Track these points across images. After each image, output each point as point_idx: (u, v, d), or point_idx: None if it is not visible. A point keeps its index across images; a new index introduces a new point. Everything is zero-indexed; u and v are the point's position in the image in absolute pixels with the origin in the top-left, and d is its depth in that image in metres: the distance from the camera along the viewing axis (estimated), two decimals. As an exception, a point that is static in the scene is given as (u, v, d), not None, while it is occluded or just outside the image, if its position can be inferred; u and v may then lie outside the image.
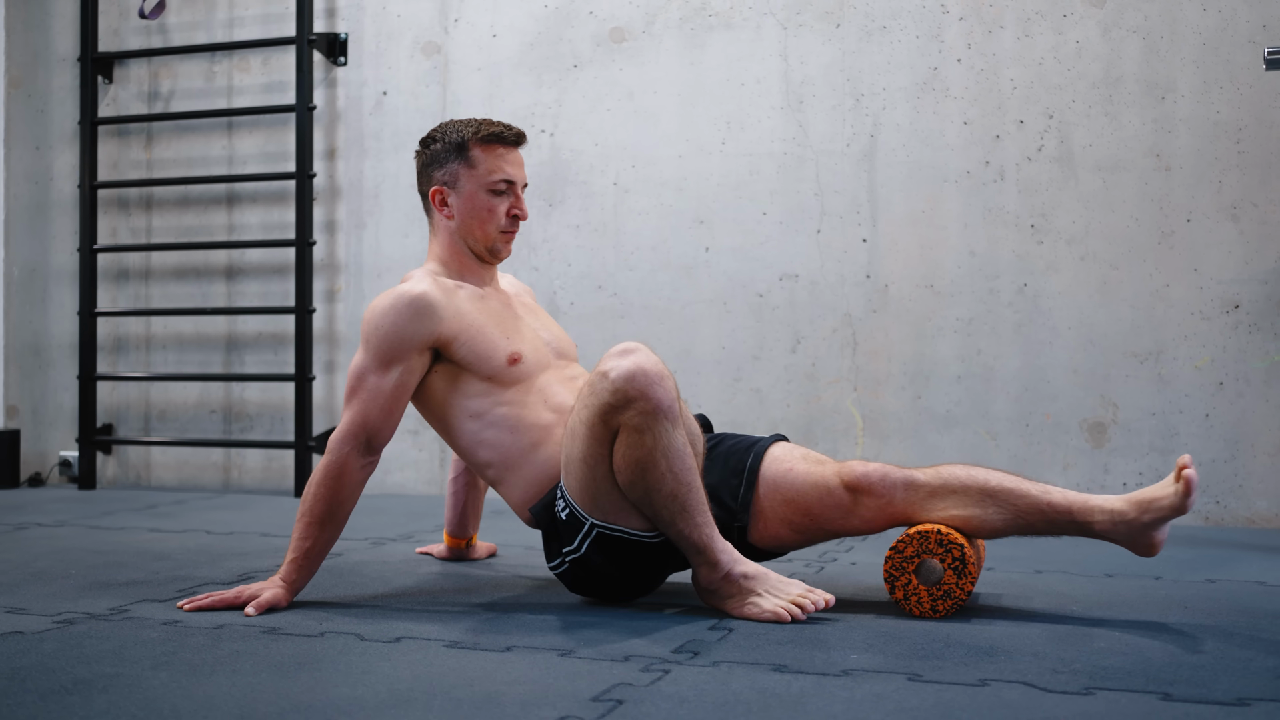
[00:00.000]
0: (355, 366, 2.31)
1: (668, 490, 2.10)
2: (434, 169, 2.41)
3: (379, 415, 2.28)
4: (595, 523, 2.19)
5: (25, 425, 4.64)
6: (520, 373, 2.33)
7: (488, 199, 2.38)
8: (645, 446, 2.08)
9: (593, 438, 2.12)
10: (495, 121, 2.41)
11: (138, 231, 4.50)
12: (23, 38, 4.66)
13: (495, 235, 2.40)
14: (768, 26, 3.79)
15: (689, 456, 2.12)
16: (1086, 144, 3.52)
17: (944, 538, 2.16)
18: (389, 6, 4.19)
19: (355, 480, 2.28)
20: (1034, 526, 2.18)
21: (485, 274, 2.45)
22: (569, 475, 2.20)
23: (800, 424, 3.73)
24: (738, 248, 3.81)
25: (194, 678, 1.75)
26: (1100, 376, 3.50)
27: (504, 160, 2.39)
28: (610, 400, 2.07)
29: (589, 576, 2.26)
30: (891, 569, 2.19)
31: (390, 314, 2.28)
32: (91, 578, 2.57)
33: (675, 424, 2.10)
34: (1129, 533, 2.14)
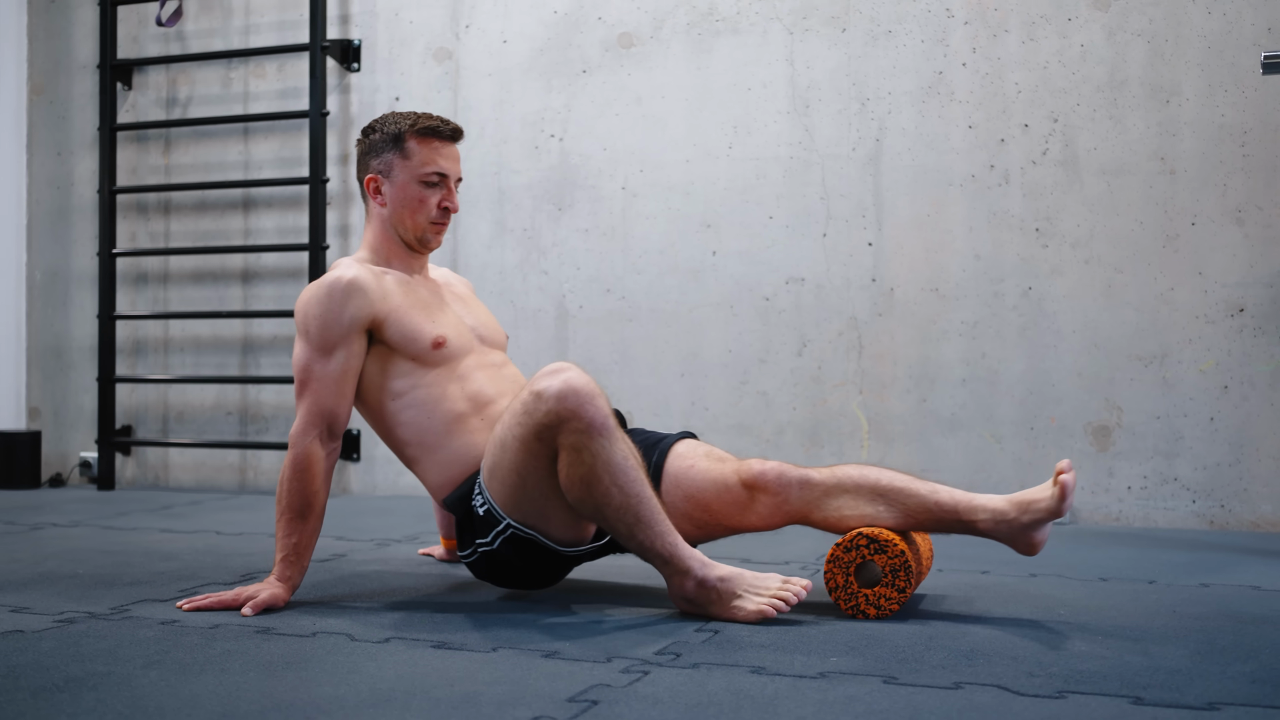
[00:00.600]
0: (298, 359, 2.36)
1: (616, 503, 2.15)
2: (371, 158, 2.47)
3: (332, 400, 2.34)
4: (512, 523, 2.26)
5: (47, 426, 4.71)
6: (443, 356, 2.40)
7: (419, 190, 2.44)
8: (585, 464, 2.13)
9: (528, 453, 2.18)
10: (433, 116, 2.47)
11: (156, 236, 4.57)
12: (45, 45, 4.74)
13: (425, 225, 2.46)
14: (774, 31, 3.81)
15: (632, 469, 2.16)
16: (1091, 147, 3.52)
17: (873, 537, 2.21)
18: (401, 13, 4.24)
19: (323, 469, 2.34)
20: (923, 524, 2.26)
21: (414, 262, 2.51)
22: (494, 479, 2.26)
23: (806, 427, 3.75)
24: (744, 251, 3.83)
25: (183, 677, 1.79)
26: (1105, 380, 3.50)
27: (438, 153, 2.45)
28: (544, 420, 2.14)
29: (497, 568, 2.34)
30: (833, 576, 2.23)
31: (325, 300, 2.34)
32: (98, 577, 2.62)
33: (612, 439, 2.14)
34: (1010, 532, 2.21)
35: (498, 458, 2.24)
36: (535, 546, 2.28)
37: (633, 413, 3.92)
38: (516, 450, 2.19)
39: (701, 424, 3.84)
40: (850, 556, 2.21)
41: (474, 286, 4.05)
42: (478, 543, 2.32)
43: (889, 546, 2.19)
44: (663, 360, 3.90)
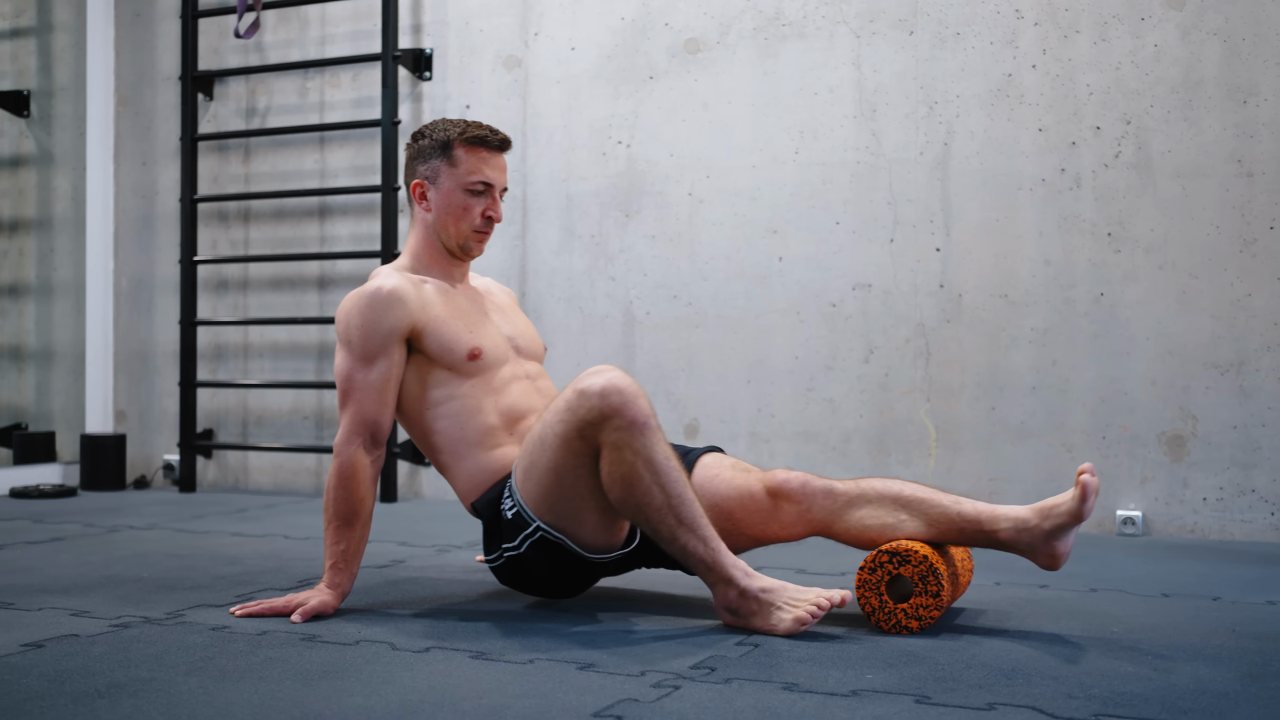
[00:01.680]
0: (341, 369, 2.39)
1: (658, 503, 2.15)
2: (418, 163, 2.48)
3: (375, 409, 2.37)
4: (542, 526, 2.26)
5: (133, 429, 4.84)
6: (478, 367, 2.41)
7: (464, 198, 2.45)
8: (627, 462, 2.14)
9: (568, 450, 2.19)
10: (482, 125, 2.48)
11: (236, 243, 4.66)
12: (130, 58, 4.87)
13: (468, 233, 2.47)
14: (840, 35, 3.78)
15: (674, 469, 2.16)
16: (1165, 150, 3.43)
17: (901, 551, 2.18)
18: (472, 22, 4.28)
19: (368, 477, 2.37)
20: (946, 535, 2.24)
21: (455, 270, 2.53)
22: (527, 479, 2.26)
23: (873, 435, 3.71)
24: (811, 257, 3.80)
25: (221, 684, 1.83)
26: (1179, 388, 3.41)
27: (485, 163, 2.46)
28: (587, 417, 2.15)
29: (523, 575, 2.35)
30: (865, 591, 2.20)
31: (366, 310, 2.36)
32: (161, 581, 2.68)
33: (654, 438, 2.16)
34: (1031, 540, 2.19)
35: (534, 456, 2.24)
36: (562, 552, 2.28)
37: (699, 419, 3.91)
38: (556, 448, 2.20)
39: (767, 431, 3.82)
40: (877, 576, 2.19)
41: (541, 293, 4.09)
42: (504, 547, 2.33)
43: (911, 555, 2.17)
44: (729, 367, 3.88)
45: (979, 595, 2.56)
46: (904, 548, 2.18)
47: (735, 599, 2.18)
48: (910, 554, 2.17)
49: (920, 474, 3.64)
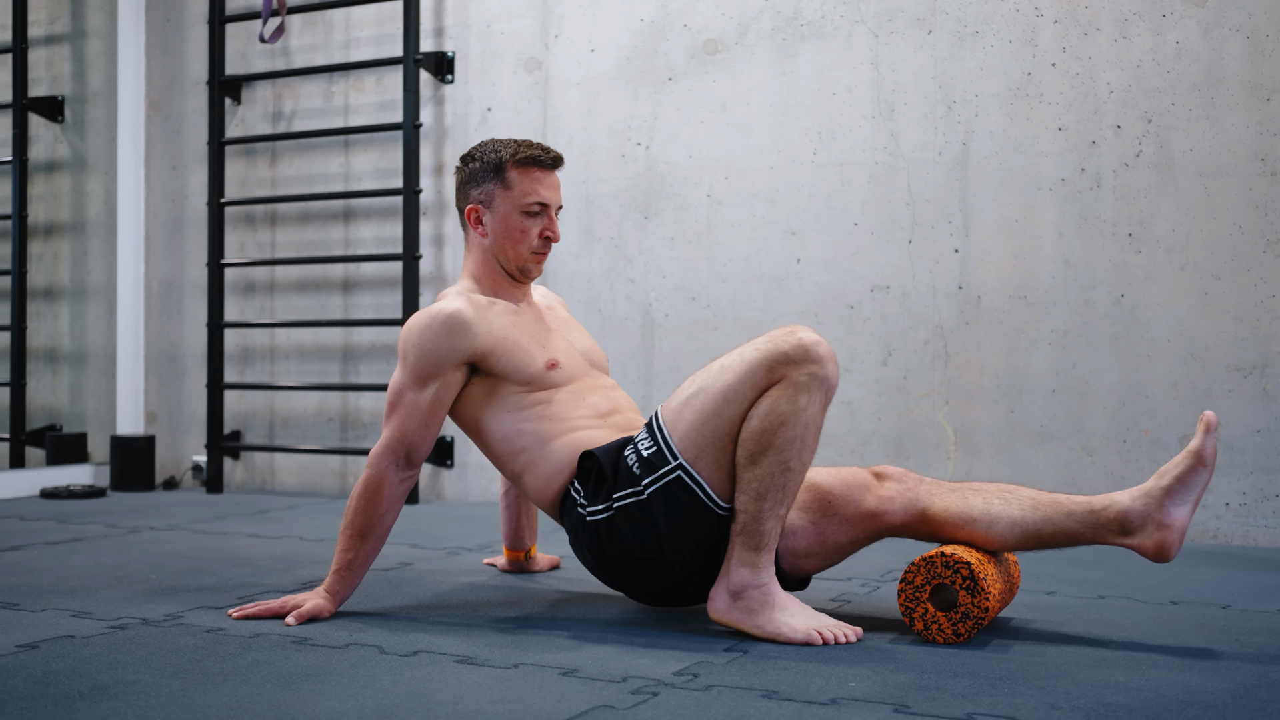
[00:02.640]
0: (394, 383, 2.37)
1: (787, 458, 2.08)
2: (471, 187, 2.46)
3: (417, 430, 2.34)
4: (683, 464, 2.16)
5: (163, 431, 4.89)
6: (558, 377, 2.39)
7: (521, 220, 2.42)
8: (797, 405, 2.07)
9: (749, 380, 2.11)
10: (534, 144, 2.44)
11: (263, 246, 4.70)
12: (161, 63, 4.92)
13: (527, 255, 2.44)
14: (859, 35, 3.75)
15: (814, 448, 2.12)
16: (1187, 149, 3.37)
17: (949, 559, 2.12)
18: (493, 24, 4.28)
19: (394, 494, 2.35)
20: (1052, 519, 2.15)
21: (518, 291, 2.50)
22: (686, 408, 2.17)
23: (891, 438, 3.68)
24: (829, 259, 3.77)
25: (203, 687, 1.84)
26: (1201, 391, 3.35)
27: (539, 183, 2.42)
28: (789, 352, 2.08)
29: (628, 530, 2.21)
30: (906, 601, 2.16)
31: (426, 332, 2.34)
32: (168, 582, 2.70)
33: (825, 408, 2.12)
34: (1146, 508, 2.11)
35: (706, 381, 2.16)
36: (691, 500, 2.16)
37: (717, 422, 3.88)
38: (738, 372, 2.11)
39: (785, 434, 3.79)
40: (923, 576, 2.14)
41: (561, 295, 4.08)
42: (616, 496, 2.22)
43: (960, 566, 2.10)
44: (747, 369, 3.85)
45: (982, 602, 2.52)
46: (981, 572, 2.12)
47: (751, 589, 2.13)
48: (959, 565, 2.11)
49: (937, 477, 3.60)
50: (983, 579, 2.11)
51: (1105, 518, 2.13)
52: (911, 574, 2.15)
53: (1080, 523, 2.15)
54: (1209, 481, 2.17)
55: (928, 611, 2.14)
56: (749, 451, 2.11)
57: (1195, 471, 2.11)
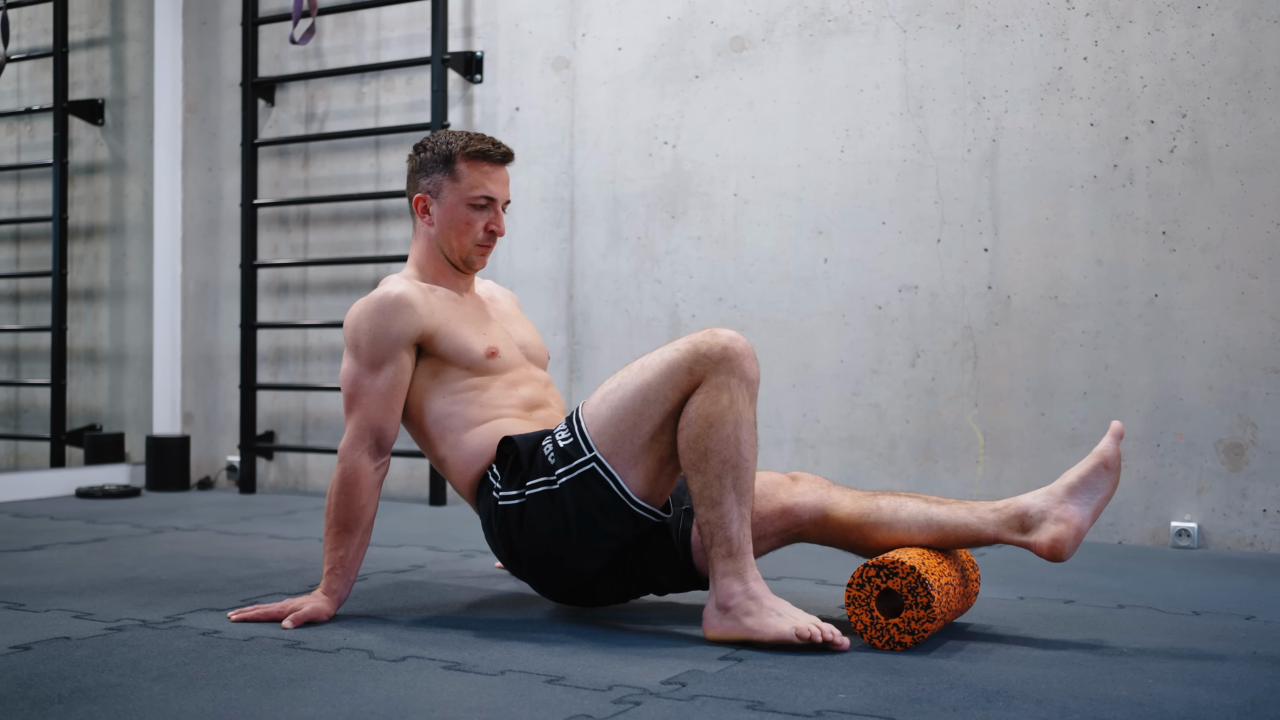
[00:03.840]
0: (347, 375, 2.36)
1: (726, 456, 2.09)
2: (420, 177, 2.47)
3: (380, 415, 2.34)
4: (598, 457, 2.18)
5: (199, 431, 4.92)
6: (497, 365, 2.41)
7: (467, 212, 2.43)
8: (721, 405, 2.10)
9: (668, 379, 2.14)
10: (485, 138, 2.45)
11: (296, 247, 4.71)
12: (197, 66, 4.95)
13: (470, 247, 2.46)
14: (887, 30, 3.68)
15: (753, 439, 2.13)
16: (1223, 144, 3.27)
17: (891, 565, 2.09)
18: (521, 24, 4.26)
19: (370, 484, 2.34)
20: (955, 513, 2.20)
21: (460, 281, 2.51)
22: (604, 404, 2.20)
23: (919, 441, 3.60)
24: (856, 258, 3.71)
25: (183, 691, 1.82)
26: (1238, 394, 3.25)
27: (487, 177, 2.43)
28: (709, 352, 2.11)
29: (537, 518, 2.23)
30: (854, 608, 2.12)
31: (375, 316, 2.34)
32: (177, 583, 2.70)
33: (752, 402, 2.14)
34: (1044, 506, 2.14)
35: (625, 378, 2.20)
36: (604, 494, 2.18)
37: (744, 424, 3.83)
38: (657, 371, 2.15)
39: (813, 436, 3.73)
40: (865, 591, 2.11)
41: (589, 296, 4.05)
42: (529, 484, 2.24)
43: (898, 567, 2.08)
44: (774, 371, 3.80)
45: (996, 609, 2.46)
46: (890, 559, 2.09)
47: (738, 595, 2.11)
48: (897, 565, 2.08)
49: (967, 482, 3.53)
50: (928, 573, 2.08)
51: (1005, 515, 2.17)
52: (856, 580, 2.12)
53: (981, 519, 2.18)
54: (1112, 494, 2.17)
55: (879, 620, 2.10)
56: (690, 462, 2.12)
57: (1098, 473, 2.15)
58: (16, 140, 5.31)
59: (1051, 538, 2.11)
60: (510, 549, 2.31)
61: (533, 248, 4.21)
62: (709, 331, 2.15)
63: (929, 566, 2.10)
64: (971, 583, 2.29)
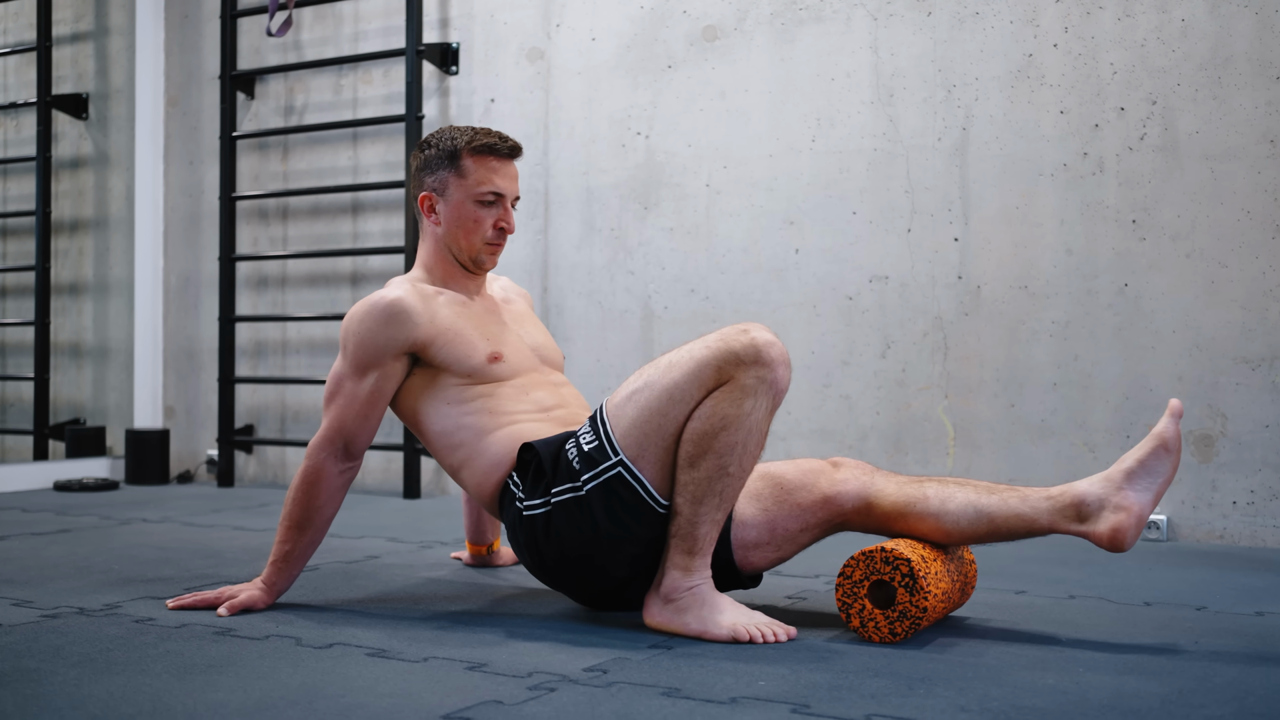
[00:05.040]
0: (333, 373, 2.32)
1: (726, 463, 2.02)
2: (425, 174, 2.39)
3: (355, 421, 2.30)
4: (624, 460, 2.08)
5: (180, 425, 4.91)
6: (501, 371, 2.32)
7: (475, 209, 2.35)
8: (743, 409, 2.01)
9: (696, 377, 2.03)
10: (491, 132, 2.37)
11: (275, 240, 4.70)
12: (179, 59, 4.94)
13: (480, 246, 2.37)
14: (858, 18, 3.64)
15: (760, 452, 2.07)
16: (1193, 131, 3.23)
17: (890, 554, 2.03)
18: (497, 15, 4.24)
19: (333, 486, 2.31)
20: (1007, 502, 2.09)
21: (471, 282, 2.43)
22: (630, 403, 2.10)
23: (890, 433, 3.57)
24: (827, 249, 3.67)
25: (98, 677, 1.80)
26: (1208, 385, 3.21)
27: (495, 172, 2.35)
28: (740, 351, 2.01)
29: (565, 527, 2.13)
30: (844, 596, 2.07)
31: (366, 320, 2.28)
32: (128, 573, 2.68)
33: (773, 412, 2.06)
34: (1102, 494, 2.03)
35: (652, 376, 2.09)
36: (631, 497, 2.08)
37: (716, 416, 3.80)
38: (686, 369, 2.04)
39: (784, 428, 3.70)
40: (863, 570, 2.05)
41: (562, 288, 4.03)
42: (554, 491, 2.14)
43: (926, 598, 2.01)
44: (746, 362, 3.77)
45: (944, 600, 2.42)
46: (898, 553, 2.03)
47: (683, 590, 2.07)
48: (925, 596, 2.01)
49: (937, 473, 3.49)
50: (923, 577, 2.01)
51: (1061, 503, 2.05)
52: (850, 568, 2.06)
53: (1035, 508, 2.07)
54: (1173, 476, 2.05)
55: (865, 608, 2.05)
56: (689, 454, 2.04)
57: (1158, 455, 2.02)
58: (2, 135, 5.31)
59: (1111, 527, 2.01)
60: (539, 558, 2.22)
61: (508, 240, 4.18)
62: (740, 329, 2.04)
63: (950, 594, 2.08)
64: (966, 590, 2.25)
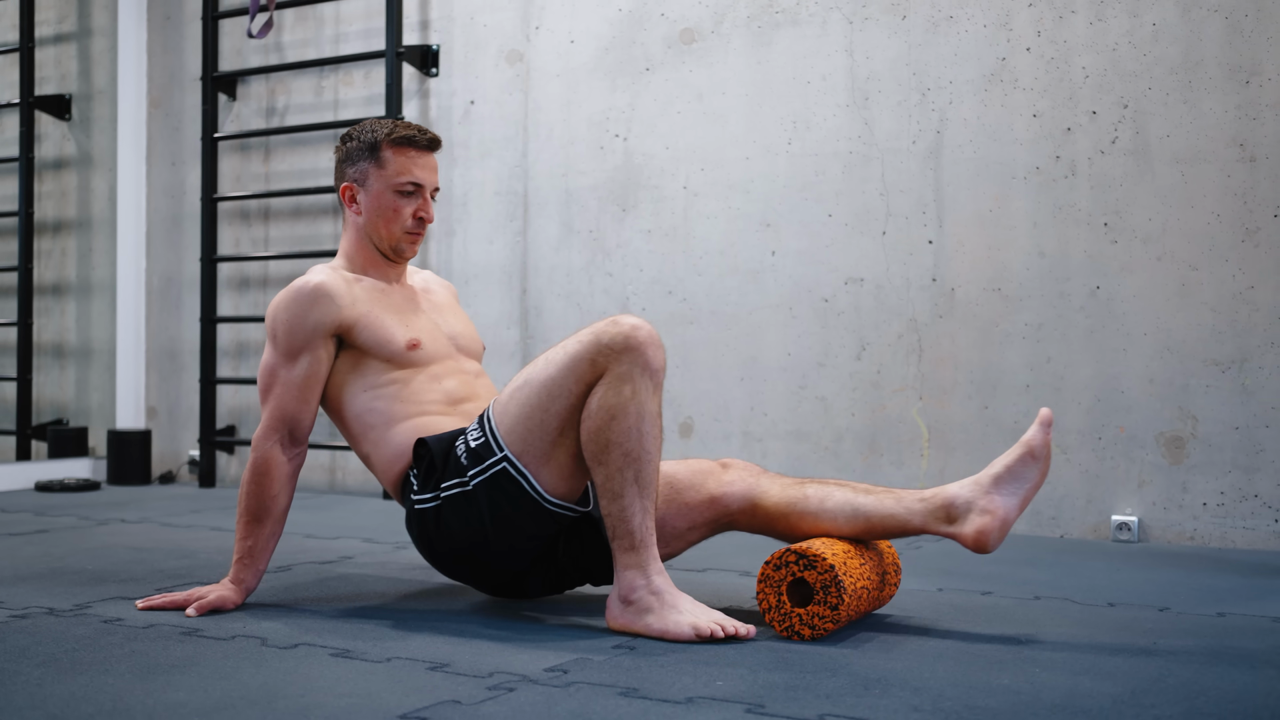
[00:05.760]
0: (264, 364, 2.36)
1: (628, 448, 2.07)
2: (347, 166, 2.45)
3: (295, 406, 2.33)
4: (509, 456, 2.15)
5: (162, 425, 4.92)
6: (419, 357, 2.38)
7: (394, 199, 2.41)
8: (624, 396, 2.07)
9: (572, 372, 2.11)
10: (410, 124, 2.44)
11: (257, 241, 4.71)
12: (161, 60, 4.95)
13: (400, 235, 2.43)
14: (834, 21, 3.66)
15: (658, 430, 2.11)
16: (1164, 134, 3.25)
17: (806, 552, 2.07)
18: (476, 17, 4.25)
19: (283, 474, 2.34)
20: (883, 503, 2.17)
21: (391, 270, 2.49)
22: (512, 401, 2.17)
23: (865, 434, 3.59)
24: (804, 251, 3.69)
25: (60, 677, 1.81)
26: (1179, 386, 3.23)
27: (414, 163, 2.41)
28: (609, 342, 2.08)
29: (453, 519, 2.21)
30: (764, 590, 2.10)
31: (293, 306, 2.33)
32: (100, 573, 2.70)
33: (657, 390, 2.11)
34: (970, 497, 2.11)
35: (531, 373, 2.16)
36: (517, 493, 2.16)
37: (693, 418, 3.82)
38: (562, 365, 2.11)
39: (760, 430, 3.72)
40: (781, 574, 2.09)
41: (542, 290, 4.04)
42: (443, 485, 2.22)
43: (818, 561, 2.06)
44: (722, 364, 3.79)
45: (911, 600, 2.44)
46: (814, 551, 2.06)
47: (640, 589, 2.09)
48: (818, 559, 2.05)
49: (912, 475, 3.51)
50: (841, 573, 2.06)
51: (932, 505, 2.14)
52: (769, 565, 2.10)
53: (909, 509, 2.15)
54: (1041, 482, 2.13)
55: (784, 605, 2.08)
56: (592, 453, 2.10)
57: (1024, 463, 2.10)
58: (-14, 136, 5.32)
59: (976, 529, 2.09)
60: (431, 550, 2.30)
61: (487, 241, 4.21)
62: (610, 320, 2.12)
63: (849, 568, 2.08)
64: (889, 586, 2.27)
